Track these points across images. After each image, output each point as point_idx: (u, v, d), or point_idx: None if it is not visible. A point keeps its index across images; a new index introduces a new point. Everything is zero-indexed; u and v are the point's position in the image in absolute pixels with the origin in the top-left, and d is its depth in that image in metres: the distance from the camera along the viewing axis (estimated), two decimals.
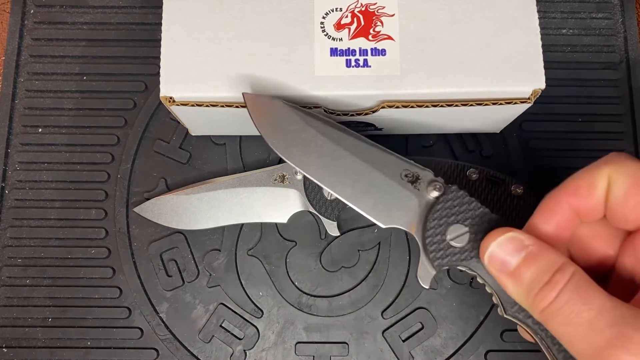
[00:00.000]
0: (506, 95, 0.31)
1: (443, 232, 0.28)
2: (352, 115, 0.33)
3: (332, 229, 0.37)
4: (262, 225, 0.39)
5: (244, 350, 0.37)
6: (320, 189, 0.36)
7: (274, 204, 0.37)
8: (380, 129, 0.38)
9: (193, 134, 0.40)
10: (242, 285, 0.38)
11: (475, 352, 0.37)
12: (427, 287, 0.29)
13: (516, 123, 0.40)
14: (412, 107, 0.32)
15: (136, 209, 0.38)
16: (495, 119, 0.36)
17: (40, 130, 0.40)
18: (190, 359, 0.37)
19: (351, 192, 0.29)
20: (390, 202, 0.29)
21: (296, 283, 0.38)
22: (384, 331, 0.37)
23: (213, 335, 0.37)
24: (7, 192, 0.39)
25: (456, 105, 0.32)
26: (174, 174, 0.39)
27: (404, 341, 0.37)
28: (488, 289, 0.28)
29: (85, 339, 0.38)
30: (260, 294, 0.38)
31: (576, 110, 0.40)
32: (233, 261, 0.38)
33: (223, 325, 0.38)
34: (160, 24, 0.41)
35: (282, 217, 0.37)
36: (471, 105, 0.32)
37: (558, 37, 0.42)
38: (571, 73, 0.41)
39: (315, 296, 0.38)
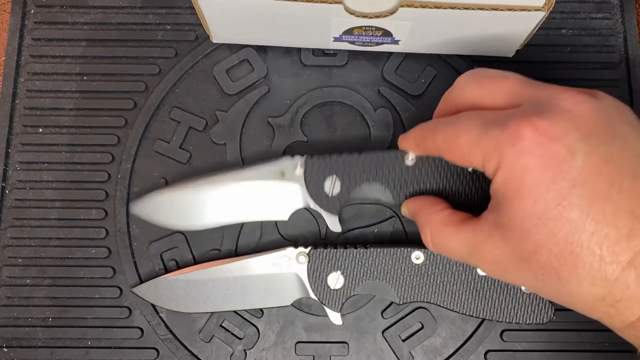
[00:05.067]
0: (521, 2, 0.32)
1: (324, 283, 0.35)
2: (370, 18, 0.34)
3: (333, 224, 0.36)
4: (262, 225, 0.39)
5: (244, 350, 0.37)
6: (322, 183, 0.36)
7: (274, 199, 0.36)
8: (398, 42, 0.38)
9: (214, 40, 0.40)
10: None
11: (475, 351, 0.37)
12: (340, 324, 0.36)
13: None
14: (430, 7, 0.33)
15: (132, 207, 0.38)
16: (509, 33, 0.37)
17: (40, 130, 0.40)
18: (190, 358, 0.37)
19: (244, 300, 0.36)
20: (277, 287, 0.36)
21: None
22: (384, 331, 0.38)
23: (213, 335, 0.37)
24: (7, 192, 0.39)
25: (472, 9, 0.33)
26: (174, 174, 0.39)
27: (404, 341, 0.37)
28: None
29: (86, 339, 0.38)
30: None
31: None
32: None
33: (223, 325, 0.38)
34: (161, 24, 0.42)
35: (282, 214, 0.37)
36: (487, 9, 0.33)
37: (558, 37, 0.42)
38: (571, 73, 0.41)
39: None
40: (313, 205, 0.36)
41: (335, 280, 0.35)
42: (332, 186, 0.35)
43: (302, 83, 0.41)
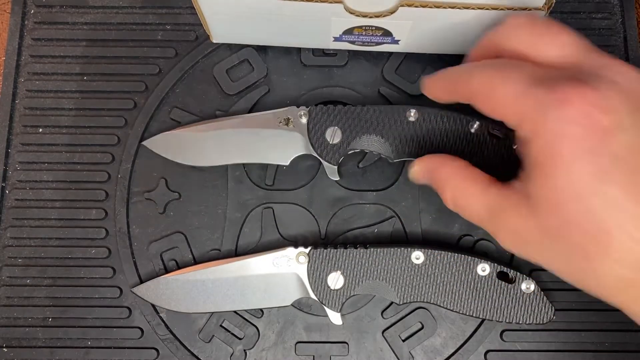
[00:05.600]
0: (521, 2, 0.32)
1: (324, 283, 0.35)
2: (370, 17, 0.34)
3: (332, 173, 0.37)
4: (262, 226, 0.39)
5: (244, 350, 0.37)
6: (324, 133, 0.36)
7: (278, 145, 0.37)
8: (398, 41, 0.38)
9: (214, 40, 0.40)
10: None
11: (475, 351, 0.37)
12: (340, 324, 0.36)
13: None
14: (430, 7, 0.33)
15: (145, 142, 0.39)
16: None
17: (40, 130, 0.40)
18: (190, 358, 0.37)
19: (244, 300, 0.36)
20: (277, 287, 0.36)
21: None
22: (384, 331, 0.37)
23: (213, 335, 0.37)
24: (7, 192, 0.39)
25: (472, 9, 0.33)
26: (174, 174, 0.39)
27: (404, 341, 0.37)
28: None
29: (86, 339, 0.38)
30: None
31: None
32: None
33: (223, 325, 0.38)
34: (161, 24, 0.42)
35: (284, 160, 0.37)
36: (487, 9, 0.33)
37: None
38: None
39: None
40: (314, 153, 0.37)
41: (335, 280, 0.35)
42: (332, 135, 0.36)
43: (302, 83, 0.41)
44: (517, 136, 0.26)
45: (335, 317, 0.36)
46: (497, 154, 0.36)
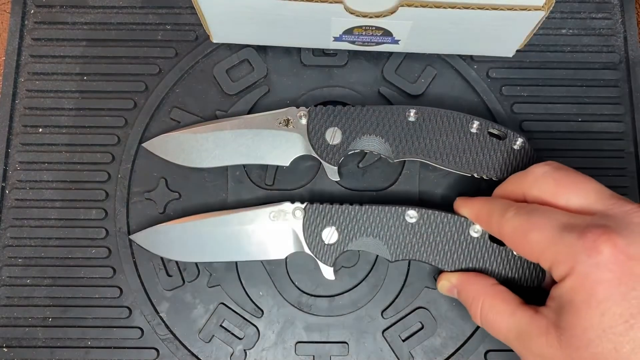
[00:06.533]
0: (521, 1, 0.33)
1: (319, 237, 0.35)
2: (370, 17, 0.34)
3: (332, 173, 0.37)
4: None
5: (244, 350, 0.37)
6: (323, 134, 0.36)
7: (278, 146, 0.37)
8: (398, 41, 0.38)
9: (214, 40, 0.40)
10: (242, 285, 0.38)
11: (475, 351, 0.37)
12: (333, 279, 0.36)
13: (516, 123, 0.40)
14: (430, 7, 0.33)
15: (145, 144, 0.39)
16: (509, 33, 0.37)
17: (40, 130, 0.40)
18: (190, 358, 0.37)
19: (239, 251, 0.36)
20: (272, 240, 0.36)
21: (296, 283, 0.38)
22: (384, 331, 0.38)
23: (213, 335, 0.37)
24: (7, 192, 0.39)
25: (472, 9, 0.33)
26: (174, 174, 0.39)
27: (404, 341, 0.37)
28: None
29: (86, 339, 0.38)
30: (261, 293, 0.38)
31: (576, 110, 0.40)
32: (233, 261, 0.38)
33: (223, 325, 0.38)
34: (161, 24, 0.42)
35: (284, 160, 0.37)
36: (487, 9, 0.33)
37: (558, 37, 0.42)
38: (571, 73, 0.41)
39: (315, 296, 0.38)
40: (314, 153, 0.37)
41: (330, 235, 0.35)
42: (332, 136, 0.36)
43: (302, 83, 0.41)
44: (548, 273, 0.28)
45: (327, 272, 0.36)
46: (499, 152, 0.36)
